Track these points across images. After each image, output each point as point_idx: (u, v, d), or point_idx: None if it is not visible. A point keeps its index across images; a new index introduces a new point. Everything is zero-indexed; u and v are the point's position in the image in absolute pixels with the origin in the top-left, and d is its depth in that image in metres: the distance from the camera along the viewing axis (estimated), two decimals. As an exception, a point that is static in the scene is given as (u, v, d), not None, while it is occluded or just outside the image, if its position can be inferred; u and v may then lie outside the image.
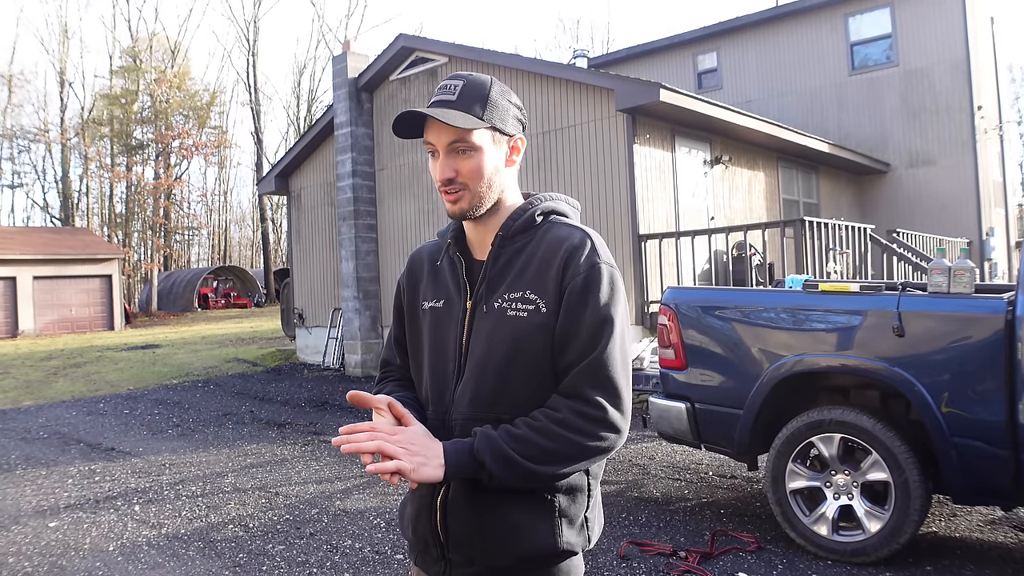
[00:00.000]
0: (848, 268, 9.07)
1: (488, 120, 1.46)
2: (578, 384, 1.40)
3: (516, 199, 1.58)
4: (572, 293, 1.43)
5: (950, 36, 14.29)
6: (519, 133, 1.55)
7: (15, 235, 28.45)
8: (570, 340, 1.42)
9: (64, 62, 40.16)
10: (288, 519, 5.23)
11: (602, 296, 1.43)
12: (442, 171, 1.47)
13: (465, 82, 1.48)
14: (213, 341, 18.76)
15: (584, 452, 1.39)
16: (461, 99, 1.46)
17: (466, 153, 1.46)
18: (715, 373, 4.65)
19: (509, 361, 1.44)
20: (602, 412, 1.39)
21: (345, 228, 12.61)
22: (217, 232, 53.49)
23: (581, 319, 1.42)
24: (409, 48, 11.94)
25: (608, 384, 1.40)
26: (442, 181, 1.47)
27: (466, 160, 1.46)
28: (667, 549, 4.29)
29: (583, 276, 1.43)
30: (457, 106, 1.45)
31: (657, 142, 9.82)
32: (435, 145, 1.48)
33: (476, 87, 1.48)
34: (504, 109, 1.50)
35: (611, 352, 1.41)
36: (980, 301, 3.83)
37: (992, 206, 15.04)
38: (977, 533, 4.51)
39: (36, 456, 7.59)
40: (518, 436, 1.38)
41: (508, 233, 1.52)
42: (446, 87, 1.49)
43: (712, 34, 17.03)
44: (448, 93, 1.47)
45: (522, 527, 1.44)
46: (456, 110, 1.44)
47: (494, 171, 1.49)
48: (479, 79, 1.50)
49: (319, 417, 9.14)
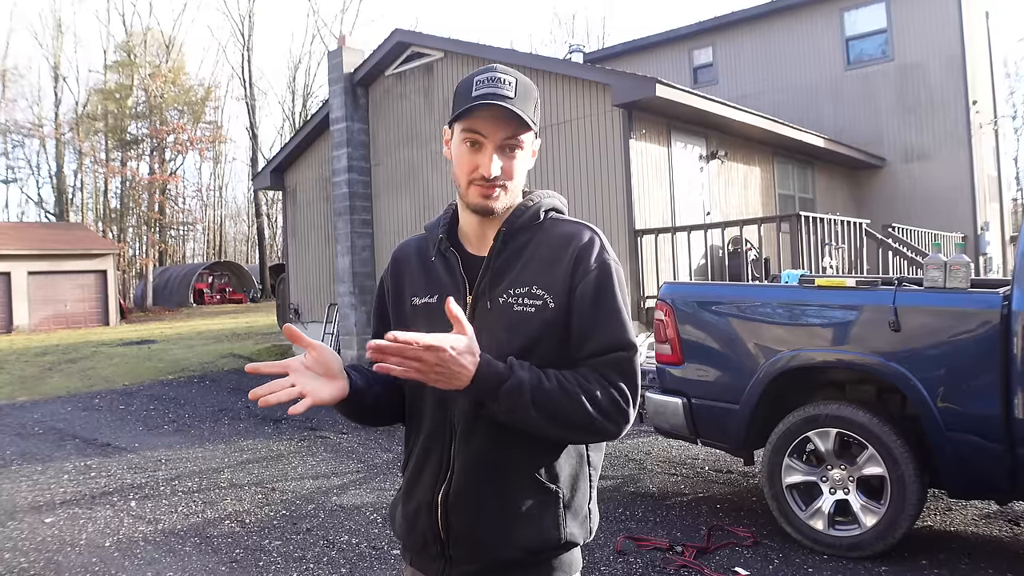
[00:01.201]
0: (844, 263, 9.08)
1: (535, 124, 1.46)
2: (606, 371, 1.41)
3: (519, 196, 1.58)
4: (585, 290, 1.44)
5: (945, 31, 14.30)
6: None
7: (9, 230, 28.32)
8: (590, 334, 1.43)
9: (58, 57, 40.00)
10: (284, 515, 5.23)
11: (616, 292, 1.46)
12: (492, 167, 1.43)
13: (518, 80, 1.44)
14: (209, 337, 18.73)
15: (592, 428, 1.40)
16: (519, 97, 1.42)
17: (513, 152, 1.45)
18: (711, 368, 4.66)
19: (519, 356, 1.43)
20: (625, 401, 1.41)
21: (341, 223, 12.58)
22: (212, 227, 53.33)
23: (599, 315, 1.44)
24: (405, 43, 11.90)
25: (631, 378, 1.43)
26: (489, 177, 1.43)
27: (511, 160, 1.45)
28: (664, 544, 4.30)
29: (596, 273, 1.45)
30: (516, 103, 1.41)
31: (653, 137, 9.81)
32: (486, 138, 1.43)
33: (528, 87, 1.45)
34: (537, 111, 1.49)
35: (633, 347, 1.45)
36: (976, 296, 3.84)
37: (987, 201, 15.07)
38: (972, 527, 4.53)
39: (32, 452, 7.57)
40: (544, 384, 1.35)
41: (512, 228, 1.51)
42: (499, 80, 1.42)
43: (708, 29, 17.01)
44: (504, 87, 1.41)
45: (527, 518, 1.44)
46: (519, 108, 1.41)
47: (524, 173, 1.50)
48: (527, 81, 1.47)
49: (315, 413, 9.12)
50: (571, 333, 1.45)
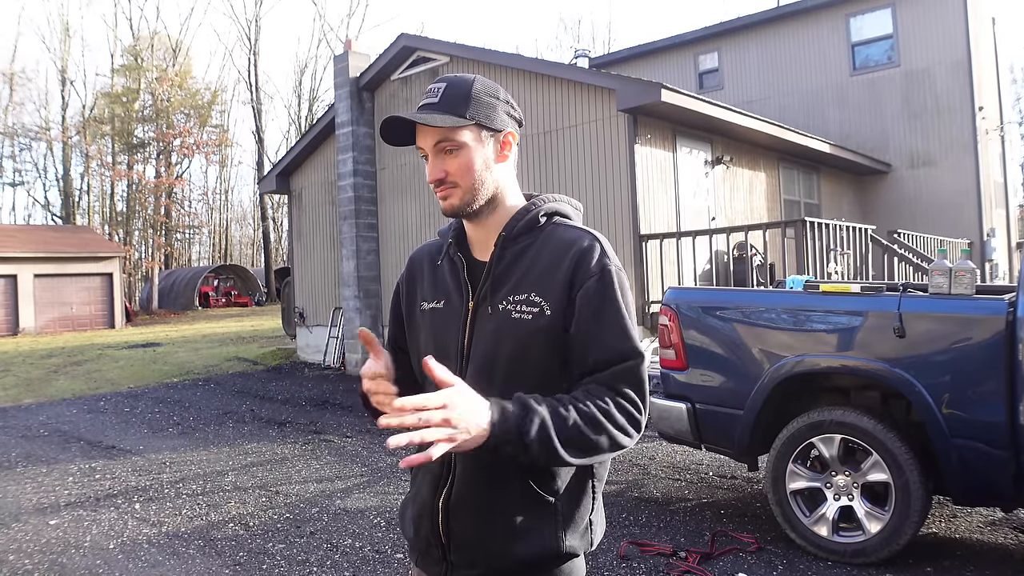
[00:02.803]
0: (849, 269, 9.07)
1: (472, 117, 1.46)
2: (613, 381, 1.40)
3: (517, 199, 1.57)
4: (586, 297, 1.43)
5: (951, 37, 14.28)
6: (510, 128, 1.54)
7: (16, 233, 28.46)
8: (593, 344, 1.41)
9: (65, 60, 40.16)
10: (288, 518, 5.23)
11: (619, 298, 1.44)
12: (432, 171, 1.48)
13: (448, 83, 1.49)
14: (214, 340, 18.76)
15: (614, 446, 1.38)
16: (444, 100, 1.47)
17: (452, 152, 1.47)
18: (716, 374, 4.65)
19: (516, 363, 1.43)
20: (637, 411, 1.40)
21: (346, 227, 12.61)
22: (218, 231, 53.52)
23: (602, 324, 1.42)
24: (410, 48, 11.94)
25: (640, 386, 1.42)
26: (433, 181, 1.49)
27: (453, 159, 1.47)
28: (667, 549, 4.29)
29: (596, 279, 1.43)
30: (440, 108, 1.46)
31: (658, 142, 9.82)
32: (424, 148, 1.49)
33: (458, 87, 1.49)
34: (489, 105, 1.49)
35: (638, 355, 1.43)
36: (981, 302, 3.83)
37: (993, 207, 15.03)
38: (977, 534, 4.51)
39: (37, 454, 7.59)
40: (568, 421, 1.32)
41: (511, 233, 1.51)
42: (430, 91, 1.50)
43: (713, 34, 17.02)
44: (431, 96, 1.48)
45: (525, 530, 1.43)
46: (439, 112, 1.45)
47: (484, 167, 1.49)
48: (462, 78, 1.51)
49: (319, 416, 9.15)
50: (570, 340, 1.43)
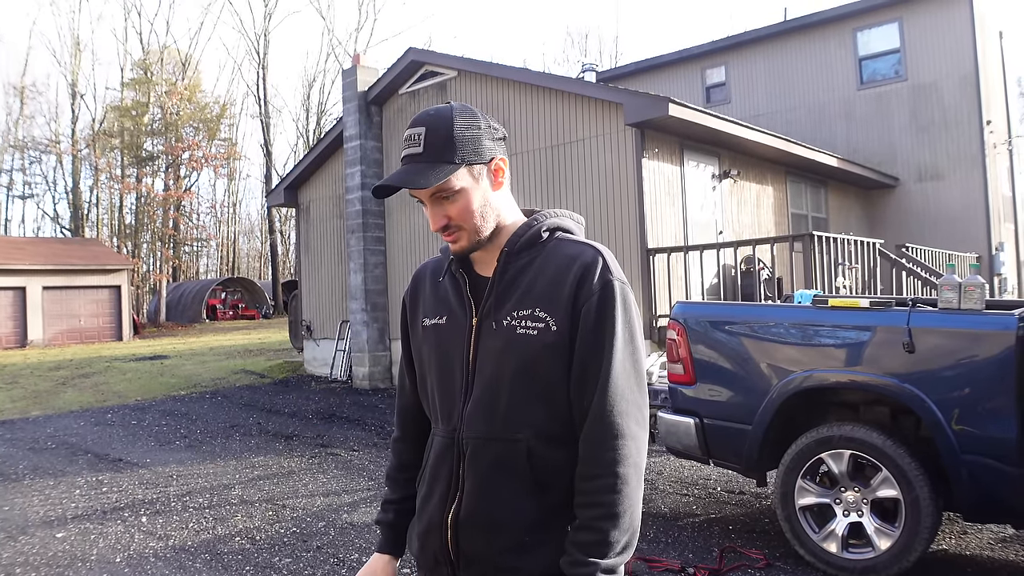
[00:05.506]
0: (857, 283, 9.04)
1: (461, 160, 1.44)
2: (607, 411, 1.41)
3: (516, 217, 1.56)
4: (588, 313, 1.43)
5: (959, 51, 14.28)
6: (499, 153, 1.51)
7: (25, 245, 28.61)
8: (592, 361, 1.42)
9: (76, 74, 40.47)
10: (295, 532, 5.22)
11: (619, 314, 1.43)
12: (434, 220, 1.49)
13: (427, 128, 1.44)
14: (221, 352, 18.79)
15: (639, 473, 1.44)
16: (428, 149, 1.43)
17: (450, 198, 1.46)
18: (724, 388, 4.64)
19: (523, 379, 1.43)
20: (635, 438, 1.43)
21: (354, 240, 12.65)
22: (226, 244, 53.67)
23: (601, 340, 1.42)
24: (418, 62, 12.00)
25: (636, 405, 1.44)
26: (437, 229, 1.49)
27: (453, 204, 1.47)
28: (675, 565, 4.27)
29: (598, 295, 1.43)
30: (425, 158, 1.43)
31: (666, 156, 9.83)
32: (420, 197, 1.49)
33: (438, 130, 1.44)
34: (473, 140, 1.46)
35: (637, 372, 1.45)
36: (991, 317, 3.82)
37: (1002, 221, 14.98)
38: (988, 551, 4.47)
39: (44, 466, 7.60)
40: (610, 535, 1.43)
41: (514, 249, 1.51)
42: (410, 138, 1.45)
43: (720, 48, 17.07)
44: (414, 145, 1.44)
45: (535, 546, 1.43)
46: (426, 162, 1.43)
47: (483, 203, 1.49)
48: (439, 118, 1.45)
49: (326, 429, 9.14)
50: (574, 356, 1.44)
